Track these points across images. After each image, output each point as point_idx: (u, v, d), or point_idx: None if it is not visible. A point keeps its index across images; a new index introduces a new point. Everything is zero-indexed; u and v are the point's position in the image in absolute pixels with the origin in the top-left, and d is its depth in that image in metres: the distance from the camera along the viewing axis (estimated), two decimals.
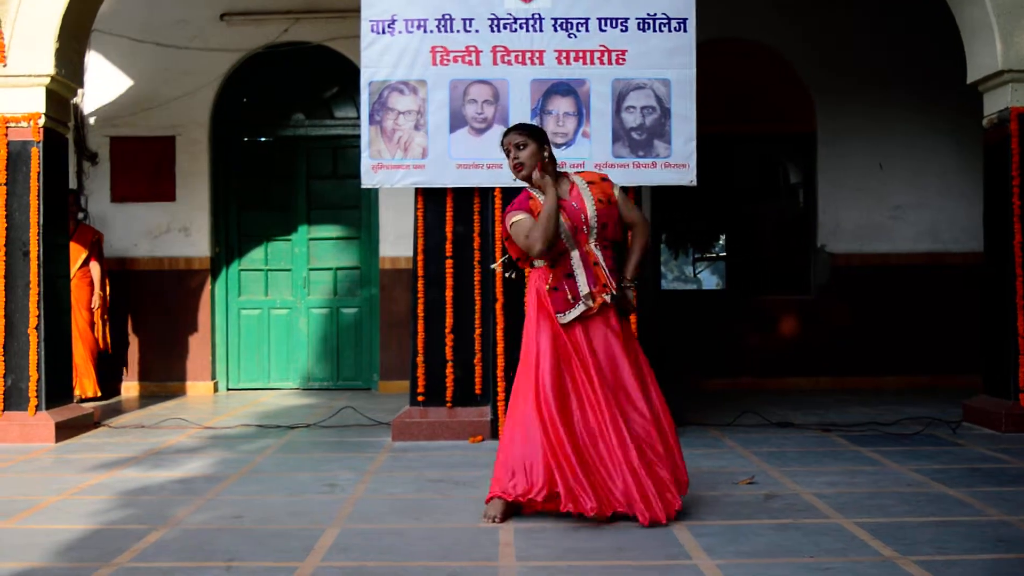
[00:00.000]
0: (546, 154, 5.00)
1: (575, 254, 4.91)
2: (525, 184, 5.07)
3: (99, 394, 9.76)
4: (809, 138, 10.69)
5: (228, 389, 10.76)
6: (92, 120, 10.56)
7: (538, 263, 4.97)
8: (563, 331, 4.87)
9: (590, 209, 4.92)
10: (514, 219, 4.96)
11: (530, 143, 4.97)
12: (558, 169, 5.09)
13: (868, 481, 5.69)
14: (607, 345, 4.90)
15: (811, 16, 10.47)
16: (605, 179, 5.10)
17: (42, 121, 7.49)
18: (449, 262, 7.39)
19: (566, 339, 4.86)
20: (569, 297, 4.86)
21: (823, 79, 10.52)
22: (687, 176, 7.30)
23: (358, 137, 7.61)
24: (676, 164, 7.29)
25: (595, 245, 4.93)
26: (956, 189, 10.51)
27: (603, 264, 4.91)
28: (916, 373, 10.37)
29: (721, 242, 18.90)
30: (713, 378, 10.40)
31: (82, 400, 9.33)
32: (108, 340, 10.02)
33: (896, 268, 10.51)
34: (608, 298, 4.87)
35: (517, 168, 4.98)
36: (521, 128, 5.09)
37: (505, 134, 5.10)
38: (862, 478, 5.77)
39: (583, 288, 4.87)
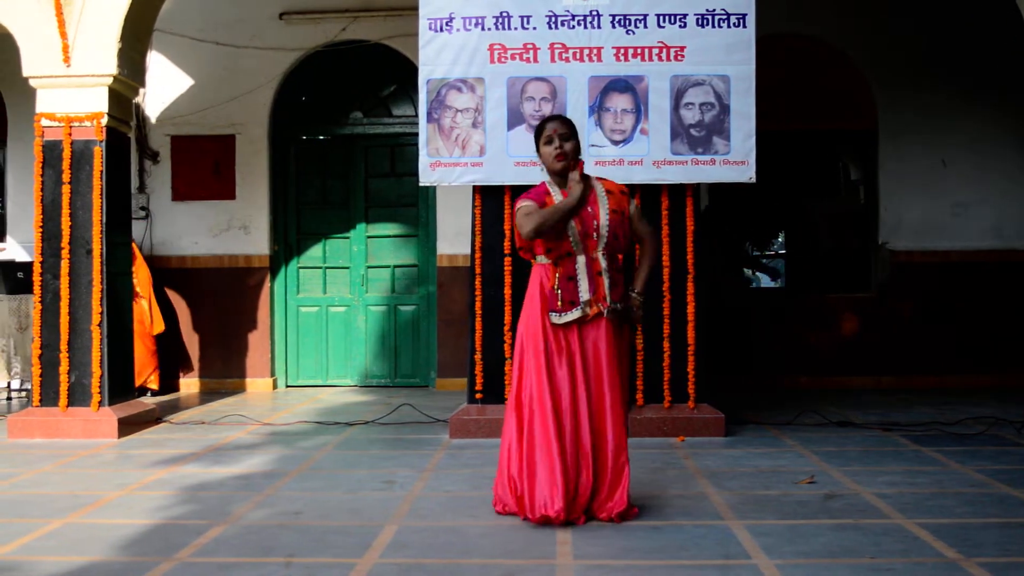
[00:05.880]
0: (580, 155, 4.98)
1: (581, 259, 4.85)
2: (546, 177, 5.00)
3: (157, 388, 9.88)
4: (870, 135, 10.55)
5: (287, 386, 10.84)
6: (153, 119, 10.68)
7: (541, 259, 4.93)
8: (555, 330, 4.84)
9: (603, 218, 4.86)
10: (522, 204, 4.92)
11: (573, 139, 4.92)
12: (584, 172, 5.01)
13: (930, 481, 5.62)
14: (596, 351, 4.85)
15: (871, 12, 10.33)
16: (624, 192, 5.04)
17: (105, 120, 7.59)
18: (507, 260, 7.38)
19: (554, 339, 4.83)
20: (568, 300, 4.83)
21: (884, 75, 10.38)
22: (746, 173, 7.24)
23: (416, 135, 7.65)
24: (735, 161, 7.23)
25: (602, 254, 4.87)
26: (1020, 186, 10.35)
27: (606, 275, 4.85)
28: (980, 372, 10.20)
29: (780, 239, 18.77)
30: (771, 376, 10.30)
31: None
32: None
33: (959, 265, 10.35)
34: (604, 311, 4.83)
35: (559, 158, 4.88)
36: (566, 120, 5.01)
37: (549, 120, 5.00)
38: (924, 478, 5.70)
39: (584, 295, 4.82)
